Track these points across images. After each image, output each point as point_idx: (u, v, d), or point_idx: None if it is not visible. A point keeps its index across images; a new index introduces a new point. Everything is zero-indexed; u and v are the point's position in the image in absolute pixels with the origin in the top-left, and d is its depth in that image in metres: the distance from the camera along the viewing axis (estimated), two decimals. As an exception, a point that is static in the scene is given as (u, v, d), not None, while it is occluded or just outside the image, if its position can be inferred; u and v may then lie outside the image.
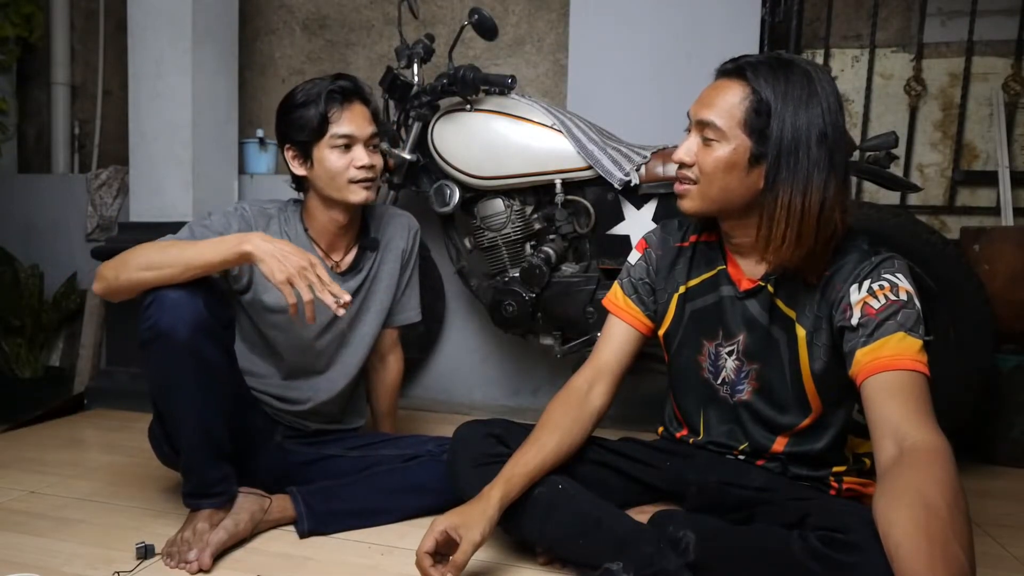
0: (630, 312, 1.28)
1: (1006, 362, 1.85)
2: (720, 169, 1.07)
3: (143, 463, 1.73)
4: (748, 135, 1.05)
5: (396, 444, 1.50)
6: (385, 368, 1.64)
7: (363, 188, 1.36)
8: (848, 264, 1.06)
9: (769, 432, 1.17)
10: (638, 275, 1.28)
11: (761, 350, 1.14)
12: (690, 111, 1.12)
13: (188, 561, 1.15)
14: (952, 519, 0.82)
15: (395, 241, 1.54)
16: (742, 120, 1.05)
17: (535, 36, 2.55)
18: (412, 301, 1.62)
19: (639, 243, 1.31)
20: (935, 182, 2.28)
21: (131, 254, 1.20)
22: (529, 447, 1.15)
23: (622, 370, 1.28)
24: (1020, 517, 1.52)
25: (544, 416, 1.21)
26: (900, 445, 0.92)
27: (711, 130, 1.06)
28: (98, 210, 2.82)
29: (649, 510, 1.19)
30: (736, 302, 1.17)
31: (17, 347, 2.78)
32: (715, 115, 1.06)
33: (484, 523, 1.05)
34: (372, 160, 1.36)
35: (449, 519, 1.05)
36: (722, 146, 1.06)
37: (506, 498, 1.09)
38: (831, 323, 1.07)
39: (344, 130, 1.33)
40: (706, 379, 1.22)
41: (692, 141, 1.10)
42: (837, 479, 1.15)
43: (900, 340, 0.98)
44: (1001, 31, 2.21)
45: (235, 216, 1.36)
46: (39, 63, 3.08)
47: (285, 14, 2.81)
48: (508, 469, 1.12)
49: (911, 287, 1.03)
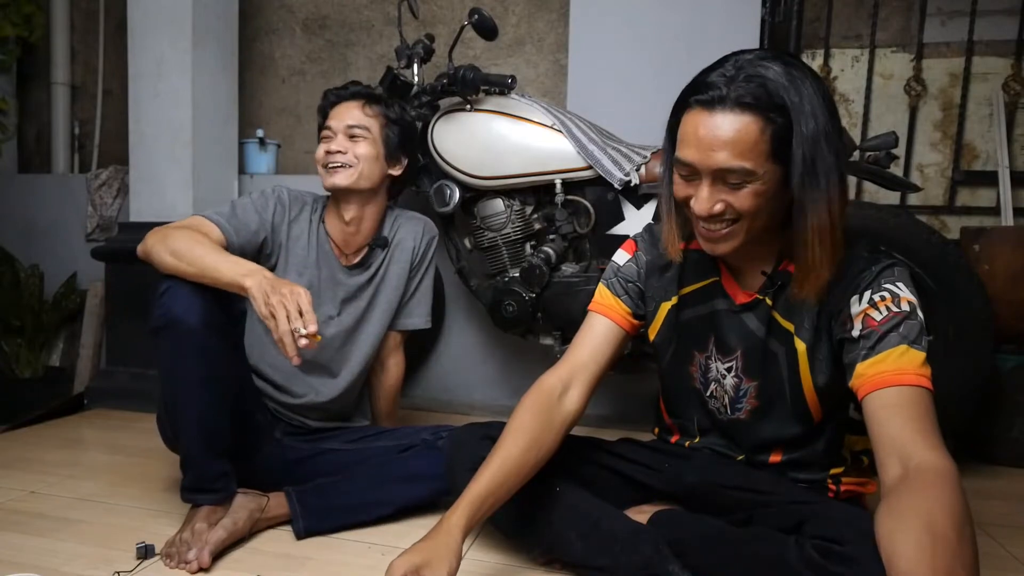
0: (616, 310, 1.20)
1: (1006, 362, 1.85)
2: (761, 204, 0.97)
3: (143, 463, 1.73)
4: (775, 163, 0.95)
5: (392, 435, 1.51)
6: (385, 372, 1.63)
7: (333, 172, 1.46)
8: (848, 273, 1.01)
9: (764, 447, 1.15)
10: (627, 277, 1.21)
11: (759, 365, 1.11)
12: (689, 159, 0.97)
13: (187, 561, 1.16)
14: (960, 547, 0.78)
15: (406, 241, 1.56)
16: (767, 152, 0.94)
17: (535, 36, 2.55)
18: (420, 308, 1.62)
19: (627, 244, 1.25)
20: (935, 182, 2.28)
21: (171, 232, 1.26)
22: (493, 460, 1.05)
23: (601, 371, 1.18)
24: (1020, 517, 1.52)
25: (511, 421, 1.10)
26: (906, 465, 0.88)
27: (735, 175, 0.95)
28: (98, 210, 2.82)
29: (648, 510, 1.19)
30: (732, 316, 1.13)
31: (17, 347, 2.78)
32: (740, 160, 0.94)
33: (451, 559, 0.95)
34: (344, 147, 1.46)
35: (409, 559, 0.94)
36: (754, 184, 0.95)
37: (471, 525, 1.00)
38: (831, 335, 1.04)
39: (328, 123, 1.49)
40: (697, 389, 1.20)
41: (708, 191, 0.97)
42: (835, 481, 1.14)
43: (903, 353, 0.95)
44: (1001, 31, 2.21)
45: (272, 197, 1.47)
46: (39, 63, 3.08)
47: (285, 14, 2.81)
48: (472, 491, 1.02)
49: (913, 296, 1.00)
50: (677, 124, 1.01)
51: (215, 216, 1.35)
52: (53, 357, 2.91)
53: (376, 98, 1.51)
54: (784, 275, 1.06)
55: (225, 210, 1.38)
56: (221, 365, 1.23)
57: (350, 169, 1.45)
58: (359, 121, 1.47)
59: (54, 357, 2.92)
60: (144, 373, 2.35)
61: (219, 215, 1.36)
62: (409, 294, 1.59)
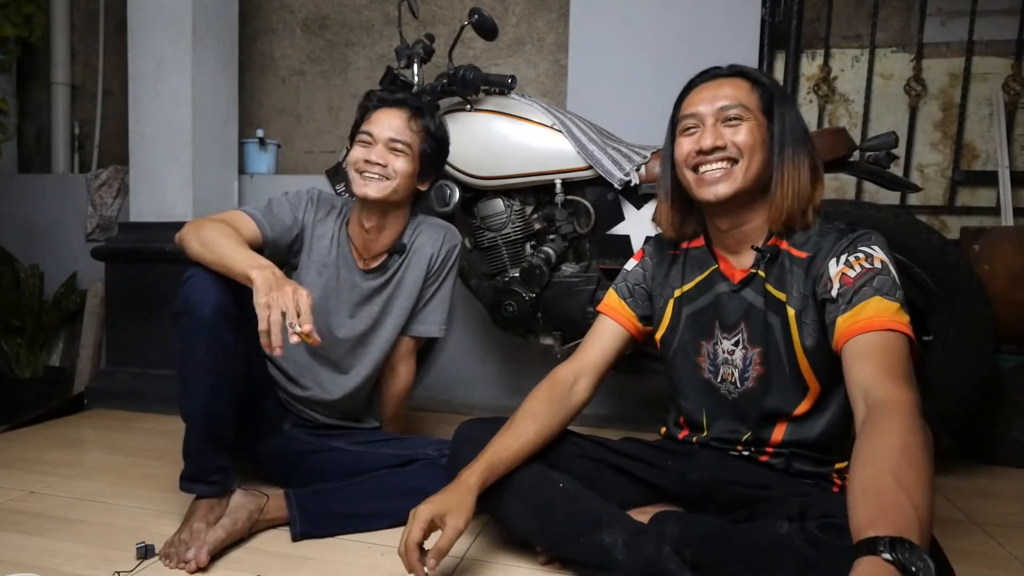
0: (623, 313, 1.32)
1: (1006, 362, 1.85)
2: (757, 144, 1.13)
3: (143, 463, 1.73)
4: (764, 116, 1.14)
5: (398, 444, 1.51)
6: (394, 377, 1.63)
7: (367, 181, 1.44)
8: (828, 243, 1.12)
9: (769, 420, 1.17)
10: (634, 280, 1.34)
11: (761, 334, 1.17)
12: (695, 110, 1.17)
13: (186, 560, 1.16)
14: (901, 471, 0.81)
15: (424, 248, 1.56)
16: (758, 105, 1.15)
17: (535, 36, 2.55)
18: (435, 315, 1.61)
19: (637, 253, 1.38)
20: (935, 182, 2.28)
21: (206, 223, 1.31)
22: (509, 433, 1.18)
23: (606, 368, 1.32)
24: (1020, 517, 1.52)
25: (526, 403, 1.24)
26: (868, 404, 0.93)
27: (736, 111, 1.13)
28: (98, 210, 2.82)
29: (650, 510, 1.19)
30: (733, 295, 1.20)
31: (17, 347, 2.78)
32: (737, 100, 1.14)
33: (467, 510, 1.07)
34: (384, 160, 1.43)
35: (431, 507, 1.06)
36: (750, 123, 1.13)
37: (485, 484, 1.12)
38: (815, 298, 1.11)
39: (367, 128, 1.45)
40: (707, 379, 1.24)
41: (711, 128, 1.14)
42: (840, 475, 1.15)
43: (877, 303, 1.02)
44: (1001, 31, 2.21)
45: (304, 196, 1.52)
46: (39, 63, 3.09)
47: (285, 14, 2.81)
48: (487, 455, 1.15)
49: (886, 257, 1.08)
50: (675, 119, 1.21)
51: (253, 211, 1.42)
52: (53, 357, 2.92)
53: (422, 111, 1.48)
54: (774, 249, 1.16)
55: (263, 206, 1.46)
56: (230, 355, 1.25)
57: (385, 182, 1.44)
58: (403, 136, 1.45)
59: (54, 357, 2.92)
60: (144, 373, 2.35)
61: (257, 210, 1.43)
62: (424, 301, 1.59)
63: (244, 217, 1.40)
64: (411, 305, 1.57)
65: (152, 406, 2.26)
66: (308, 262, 1.50)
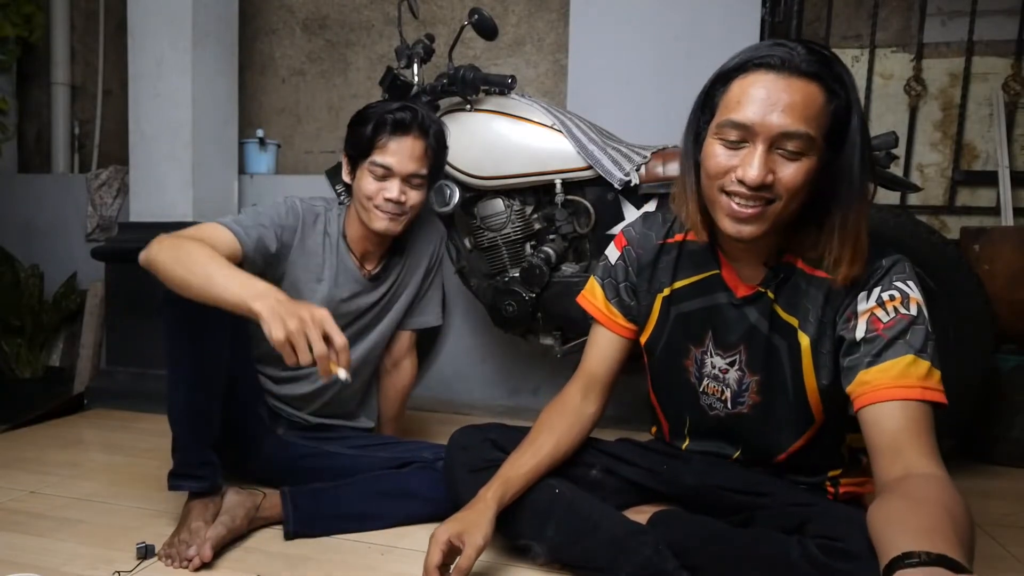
0: (613, 319, 1.24)
1: (1006, 362, 1.85)
2: (805, 183, 0.92)
3: (143, 463, 1.73)
4: (825, 143, 0.92)
5: (394, 448, 1.51)
6: (399, 372, 1.64)
7: (386, 219, 1.39)
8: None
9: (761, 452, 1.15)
10: (619, 277, 1.22)
11: (762, 360, 1.09)
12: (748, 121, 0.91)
13: (188, 558, 1.15)
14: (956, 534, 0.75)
15: (422, 246, 1.57)
16: (825, 129, 0.91)
17: (535, 36, 2.55)
18: (431, 305, 1.62)
19: (618, 238, 1.24)
20: (935, 182, 2.28)
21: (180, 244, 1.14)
22: (525, 450, 1.16)
23: (612, 376, 1.27)
24: (1020, 517, 1.52)
25: (540, 420, 1.22)
26: (907, 471, 0.88)
27: (798, 142, 0.90)
28: (98, 210, 2.82)
29: (647, 511, 1.19)
30: (733, 309, 1.10)
31: (17, 347, 2.78)
32: (804, 125, 0.89)
33: (485, 527, 1.05)
34: (403, 197, 1.38)
35: (450, 527, 1.04)
36: (809, 159, 0.91)
37: (503, 500, 1.09)
38: (834, 328, 1.01)
39: (384, 161, 1.37)
40: (692, 384, 1.19)
41: (761, 156, 0.91)
42: (834, 483, 1.14)
43: (909, 364, 0.92)
44: (1001, 31, 2.21)
45: (285, 206, 1.41)
46: (39, 63, 3.08)
47: (285, 14, 2.81)
48: (504, 471, 1.13)
49: (920, 297, 0.97)
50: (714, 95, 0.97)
51: (231, 223, 1.28)
52: (53, 357, 2.92)
53: (428, 131, 1.40)
54: (788, 268, 1.05)
55: (242, 217, 1.33)
56: (214, 354, 1.23)
57: (403, 218, 1.41)
58: (422, 169, 1.39)
59: (54, 357, 2.92)
60: (144, 373, 2.35)
61: (236, 222, 1.29)
62: (421, 294, 1.60)
63: (220, 230, 1.25)
64: (410, 302, 1.58)
65: (152, 406, 2.25)
66: (298, 275, 1.43)
